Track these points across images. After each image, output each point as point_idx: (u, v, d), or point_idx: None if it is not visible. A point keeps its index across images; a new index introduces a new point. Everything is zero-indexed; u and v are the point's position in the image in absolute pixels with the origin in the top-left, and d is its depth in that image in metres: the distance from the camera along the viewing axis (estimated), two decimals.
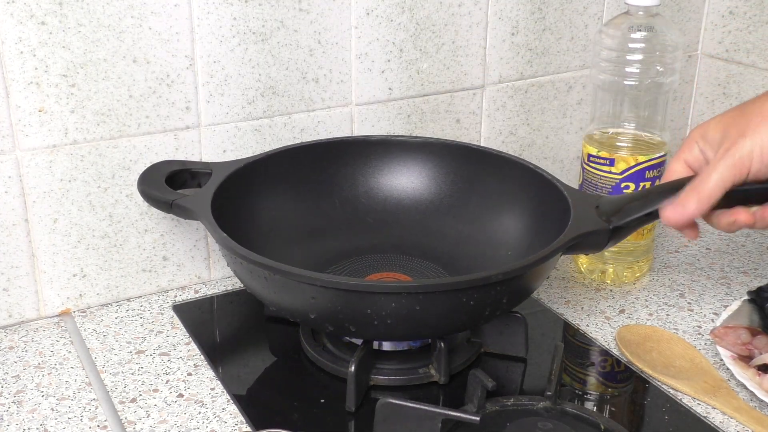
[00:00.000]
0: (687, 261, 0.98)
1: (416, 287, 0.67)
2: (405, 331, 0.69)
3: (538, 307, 0.88)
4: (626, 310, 0.88)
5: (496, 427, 0.68)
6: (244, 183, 0.83)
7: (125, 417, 0.71)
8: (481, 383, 0.68)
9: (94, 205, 0.84)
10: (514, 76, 1.02)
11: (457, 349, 0.78)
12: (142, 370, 0.77)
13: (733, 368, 0.76)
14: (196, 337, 0.82)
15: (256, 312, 0.86)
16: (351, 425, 0.71)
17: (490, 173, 0.89)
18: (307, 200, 0.89)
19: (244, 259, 0.70)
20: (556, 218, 0.78)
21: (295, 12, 0.87)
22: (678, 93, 1.15)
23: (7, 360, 0.79)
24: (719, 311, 0.87)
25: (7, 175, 0.79)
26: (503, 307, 0.72)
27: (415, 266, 0.87)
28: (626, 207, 0.76)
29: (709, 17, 1.12)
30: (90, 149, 0.82)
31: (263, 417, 0.71)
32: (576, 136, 1.10)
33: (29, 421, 0.71)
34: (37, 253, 0.83)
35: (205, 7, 0.82)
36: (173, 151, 0.86)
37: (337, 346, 0.78)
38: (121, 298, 0.88)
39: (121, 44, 0.80)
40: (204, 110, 0.86)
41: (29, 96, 0.78)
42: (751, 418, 0.71)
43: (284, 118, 0.90)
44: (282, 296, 0.71)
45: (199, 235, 0.90)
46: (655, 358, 0.80)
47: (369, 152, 0.91)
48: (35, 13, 0.76)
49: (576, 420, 0.69)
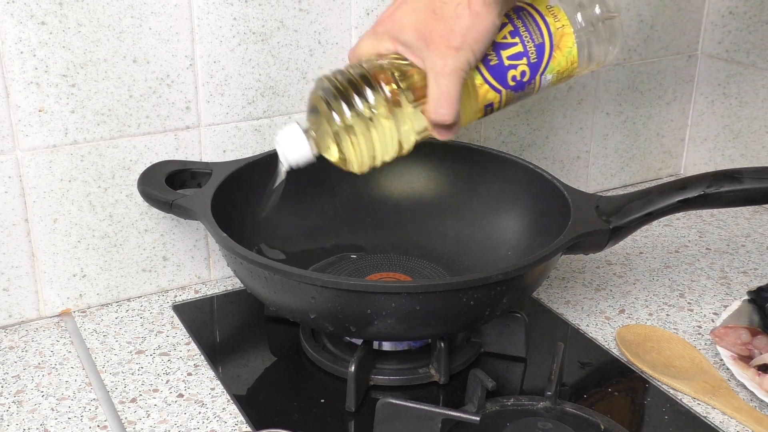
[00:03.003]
0: (687, 261, 0.98)
1: (416, 287, 0.67)
2: (405, 331, 0.69)
3: (538, 307, 0.88)
4: (626, 310, 0.88)
5: (496, 427, 0.68)
6: (244, 183, 0.83)
7: (125, 417, 0.71)
8: (481, 383, 0.68)
9: (94, 205, 0.84)
10: None
11: (457, 349, 0.78)
12: (142, 370, 0.77)
13: (733, 368, 0.76)
14: (196, 337, 0.82)
15: (256, 312, 0.86)
16: (351, 425, 0.71)
17: (490, 173, 0.89)
18: (307, 200, 0.89)
19: (244, 259, 0.70)
20: (556, 218, 0.78)
21: (295, 12, 0.87)
22: (678, 93, 1.15)
23: (7, 360, 0.79)
24: (719, 311, 0.87)
25: (7, 175, 0.79)
26: (503, 307, 0.72)
27: (415, 266, 0.87)
28: (626, 207, 0.77)
29: (709, 17, 1.12)
30: (90, 149, 0.82)
31: (263, 417, 0.71)
32: (576, 136, 1.10)
33: (29, 421, 0.71)
34: (37, 253, 0.83)
35: (205, 7, 0.82)
36: (173, 151, 0.86)
37: (337, 346, 0.78)
38: (121, 298, 0.88)
39: (121, 44, 0.80)
40: (204, 110, 0.86)
41: (29, 96, 0.78)
42: (751, 418, 0.71)
43: (284, 118, 0.90)
44: (282, 296, 0.71)
45: (199, 235, 0.90)
46: (655, 358, 0.80)
47: None
48: (35, 13, 0.76)
49: (576, 420, 0.69)
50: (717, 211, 1.09)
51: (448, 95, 0.64)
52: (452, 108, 0.64)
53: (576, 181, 1.12)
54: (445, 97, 0.64)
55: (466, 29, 0.63)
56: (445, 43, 0.63)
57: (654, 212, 0.77)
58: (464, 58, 0.64)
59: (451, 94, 0.64)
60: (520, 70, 0.67)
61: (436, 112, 0.65)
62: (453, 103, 0.64)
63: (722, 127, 1.14)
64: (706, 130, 1.17)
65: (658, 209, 0.77)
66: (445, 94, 0.64)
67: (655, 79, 1.12)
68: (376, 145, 0.66)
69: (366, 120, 0.65)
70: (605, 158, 1.14)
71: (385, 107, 0.65)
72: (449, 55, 0.63)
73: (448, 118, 0.65)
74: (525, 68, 0.67)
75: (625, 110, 1.12)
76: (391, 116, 0.65)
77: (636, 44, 1.09)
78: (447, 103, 0.64)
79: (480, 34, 0.64)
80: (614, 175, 1.16)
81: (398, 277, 0.85)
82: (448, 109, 0.64)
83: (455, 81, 0.64)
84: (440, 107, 0.64)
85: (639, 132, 1.15)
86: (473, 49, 0.64)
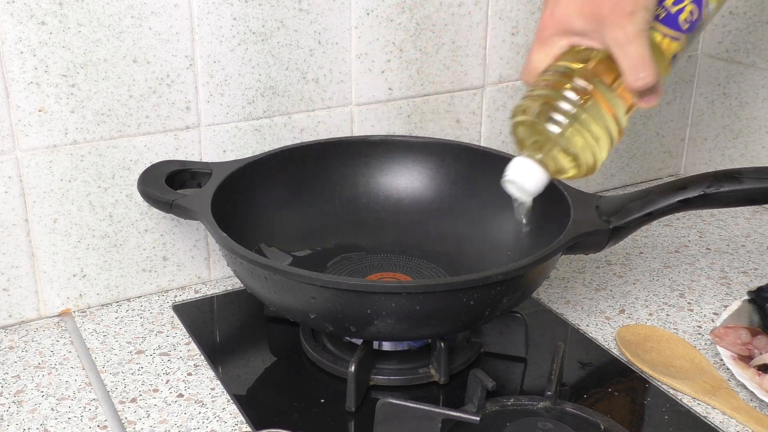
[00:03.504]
0: (687, 261, 0.98)
1: (416, 287, 0.67)
2: (405, 331, 0.69)
3: (538, 307, 0.88)
4: (626, 310, 0.88)
5: (496, 427, 0.68)
6: (244, 183, 0.83)
7: (125, 417, 0.71)
8: (481, 383, 0.68)
9: (94, 205, 0.84)
10: (514, 76, 1.02)
11: (457, 349, 0.78)
12: (142, 370, 0.77)
13: (733, 368, 0.76)
14: (196, 337, 0.82)
15: (256, 312, 0.86)
16: (351, 425, 0.71)
17: (490, 173, 0.88)
18: (307, 200, 0.89)
19: (244, 259, 0.70)
20: (556, 218, 0.78)
21: (295, 12, 0.87)
22: (678, 93, 1.15)
23: (7, 360, 0.79)
24: (719, 311, 0.87)
25: (7, 175, 0.79)
26: (503, 307, 0.72)
27: (415, 266, 0.87)
28: (626, 207, 0.77)
29: None
30: (90, 149, 0.82)
31: (263, 417, 0.71)
32: None
33: (29, 421, 0.71)
34: (37, 253, 0.83)
35: (205, 7, 0.82)
36: (173, 151, 0.86)
37: (337, 346, 0.78)
38: (121, 298, 0.88)
39: (121, 44, 0.80)
40: (204, 110, 0.86)
41: (29, 96, 0.78)
42: (751, 418, 0.71)
43: (284, 118, 0.90)
44: (282, 296, 0.71)
45: (199, 235, 0.90)
46: (655, 358, 0.80)
47: (369, 152, 0.91)
48: (35, 13, 0.76)
49: (576, 420, 0.69)
50: (717, 211, 1.09)
51: (641, 59, 0.64)
52: (650, 69, 0.64)
53: (576, 181, 1.11)
54: (639, 61, 0.64)
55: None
56: (618, 14, 0.64)
57: (654, 212, 0.77)
58: (641, 18, 0.64)
59: (644, 56, 0.64)
60: (688, 11, 0.68)
61: (636, 79, 0.65)
62: (649, 65, 0.64)
63: (722, 127, 1.14)
64: (706, 130, 1.17)
65: (658, 209, 0.77)
66: (638, 59, 0.64)
67: None
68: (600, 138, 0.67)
69: (579, 119, 0.65)
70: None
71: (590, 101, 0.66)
72: (627, 22, 0.64)
73: (651, 79, 0.65)
74: (691, 7, 0.68)
75: None
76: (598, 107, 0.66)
77: None
78: (643, 66, 0.64)
79: None
80: (614, 175, 1.16)
81: (398, 277, 0.85)
82: (647, 71, 0.64)
83: (643, 43, 0.64)
84: (639, 72, 0.64)
85: (639, 132, 1.15)
86: (646, 7, 0.64)
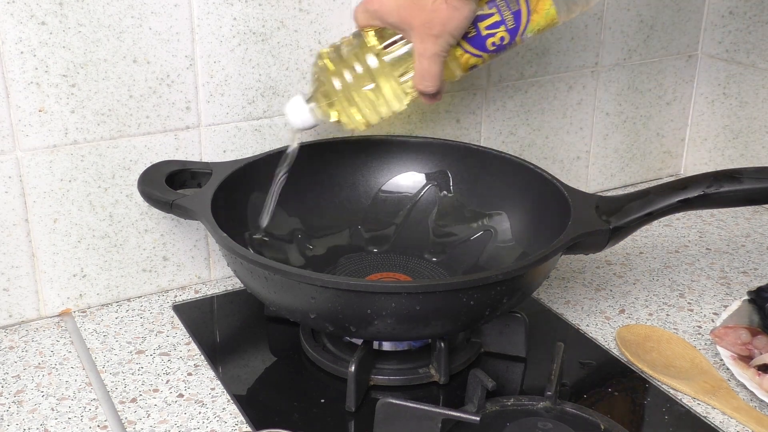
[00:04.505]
0: (687, 261, 0.98)
1: (416, 287, 0.67)
2: (405, 331, 0.69)
3: (538, 307, 0.88)
4: (626, 310, 0.88)
5: (496, 427, 0.68)
6: (244, 183, 0.83)
7: (125, 417, 0.71)
8: (481, 383, 0.68)
9: (94, 205, 0.84)
10: (514, 76, 1.02)
11: (457, 349, 0.78)
12: (142, 370, 0.77)
13: (733, 368, 0.76)
14: (196, 337, 0.82)
15: (256, 312, 0.86)
16: (351, 425, 0.71)
17: (490, 173, 0.89)
18: (307, 200, 0.89)
19: (244, 259, 0.70)
20: (556, 218, 0.78)
21: (295, 12, 0.87)
22: (678, 93, 1.15)
23: (7, 360, 0.79)
24: (719, 311, 0.87)
25: (7, 175, 0.79)
26: (503, 307, 0.72)
27: (415, 266, 0.87)
28: (626, 207, 0.76)
29: (709, 17, 1.12)
30: (90, 149, 0.82)
31: (263, 417, 0.71)
32: (576, 136, 1.10)
33: (29, 421, 0.71)
34: (37, 253, 0.83)
35: (205, 7, 0.82)
36: (173, 151, 0.86)
37: (337, 346, 0.78)
38: (121, 298, 0.88)
39: (121, 44, 0.80)
40: (204, 110, 0.86)
41: (29, 96, 0.78)
42: (751, 418, 0.71)
43: (284, 118, 0.90)
44: (282, 296, 0.71)
45: (199, 235, 0.90)
46: (655, 358, 0.80)
47: (369, 152, 0.91)
48: (35, 13, 0.76)
49: (576, 420, 0.69)
50: (717, 211, 1.09)
51: (430, 73, 0.72)
52: (434, 82, 0.72)
53: (576, 181, 1.12)
54: (427, 74, 0.72)
55: (445, 20, 0.69)
56: (425, 31, 0.70)
57: (654, 212, 0.77)
58: (444, 42, 0.71)
59: (432, 72, 0.72)
60: (498, 37, 0.72)
61: (421, 84, 0.73)
62: (435, 79, 0.72)
63: (722, 127, 1.14)
64: (706, 130, 1.17)
65: (658, 209, 0.77)
66: (427, 72, 0.72)
67: (655, 79, 1.12)
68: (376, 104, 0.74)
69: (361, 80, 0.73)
70: (605, 158, 1.14)
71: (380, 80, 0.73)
72: (429, 41, 0.70)
73: (432, 90, 0.73)
74: (503, 34, 0.72)
75: (625, 110, 1.12)
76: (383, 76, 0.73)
77: (636, 44, 1.09)
78: (430, 78, 0.72)
79: (458, 22, 0.70)
80: (614, 175, 1.16)
81: (398, 277, 0.85)
82: (431, 82, 0.72)
83: (436, 62, 0.71)
84: (425, 81, 0.72)
85: (639, 132, 1.15)
86: (452, 35, 0.71)
